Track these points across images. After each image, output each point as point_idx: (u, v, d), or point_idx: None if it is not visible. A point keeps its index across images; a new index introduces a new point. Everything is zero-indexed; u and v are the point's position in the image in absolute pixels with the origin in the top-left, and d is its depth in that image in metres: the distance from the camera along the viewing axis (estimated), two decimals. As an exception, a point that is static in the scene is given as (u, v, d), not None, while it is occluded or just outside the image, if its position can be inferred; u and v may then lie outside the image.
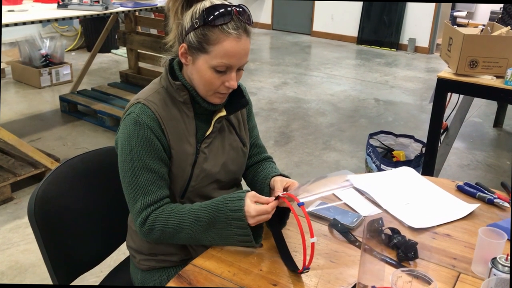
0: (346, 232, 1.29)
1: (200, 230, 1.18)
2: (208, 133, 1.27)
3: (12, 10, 3.13)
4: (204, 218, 1.17)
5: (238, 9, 1.16)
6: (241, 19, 1.16)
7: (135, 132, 1.19)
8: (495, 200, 1.46)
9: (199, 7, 1.16)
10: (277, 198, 1.17)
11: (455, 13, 7.94)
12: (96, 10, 3.25)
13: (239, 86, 1.33)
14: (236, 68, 1.20)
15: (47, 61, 5.02)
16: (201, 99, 1.25)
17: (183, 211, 1.20)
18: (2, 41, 5.63)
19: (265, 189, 1.33)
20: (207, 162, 1.28)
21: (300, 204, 1.12)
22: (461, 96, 3.04)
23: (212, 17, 1.14)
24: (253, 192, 1.19)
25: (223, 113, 1.29)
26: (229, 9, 1.15)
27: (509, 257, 1.05)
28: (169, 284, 1.11)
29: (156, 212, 1.20)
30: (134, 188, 1.20)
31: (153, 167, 1.20)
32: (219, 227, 1.16)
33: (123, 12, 3.56)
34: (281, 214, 1.26)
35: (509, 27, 2.58)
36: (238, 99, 1.32)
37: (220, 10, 1.14)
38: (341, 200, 1.47)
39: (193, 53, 1.19)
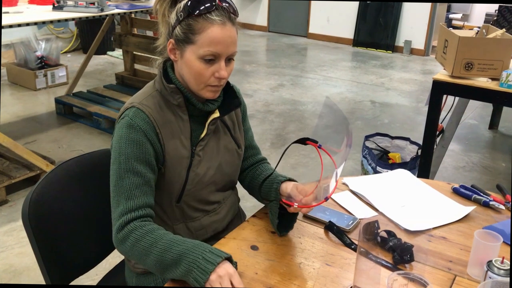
0: (341, 235, 1.28)
1: (165, 263, 1.09)
2: (202, 135, 1.27)
3: (7, 12, 3.12)
4: (174, 251, 1.09)
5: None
6: (225, 7, 1.17)
7: (127, 134, 1.18)
8: (491, 203, 1.46)
9: (183, 2, 1.17)
10: None
11: (451, 16, 7.97)
12: (91, 12, 3.24)
13: (232, 87, 1.33)
14: (224, 57, 1.18)
15: (43, 63, 5.00)
16: (196, 100, 1.25)
17: (159, 235, 1.13)
18: (-3, 43, 5.61)
19: (272, 194, 1.29)
20: (202, 165, 1.27)
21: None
22: (457, 98, 3.05)
23: (195, 7, 1.15)
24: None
25: (217, 114, 1.28)
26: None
27: (505, 260, 1.05)
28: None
29: (135, 223, 1.16)
30: (118, 191, 1.18)
31: (139, 171, 1.18)
32: (180, 269, 1.07)
33: (118, 14, 3.55)
34: (288, 218, 1.28)
35: (504, 29, 2.59)
36: (231, 100, 1.32)
37: (203, 1, 1.15)
38: (338, 203, 1.47)
39: (180, 46, 1.19)
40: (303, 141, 1.25)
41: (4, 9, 3.20)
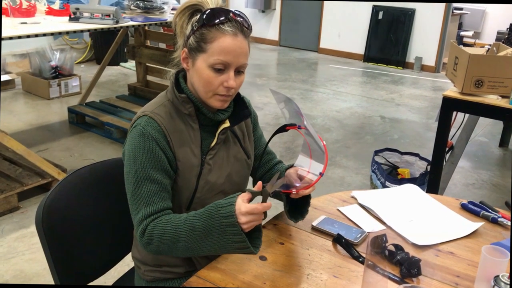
0: (349, 248, 1.29)
1: (197, 239, 1.15)
2: (212, 144, 1.29)
3: (25, 23, 3.19)
4: (199, 226, 1.14)
5: (236, 12, 1.21)
6: (238, 20, 1.20)
7: (140, 143, 1.21)
8: (499, 219, 1.46)
9: (199, 14, 1.21)
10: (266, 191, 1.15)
11: (462, 33, 7.98)
12: (107, 24, 3.30)
13: (242, 98, 1.35)
14: (234, 67, 1.21)
15: (57, 73, 5.09)
16: (206, 110, 1.28)
17: (179, 220, 1.18)
18: (13, 53, 5.71)
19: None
20: (212, 174, 1.29)
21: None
22: (467, 115, 3.05)
23: (209, 18, 1.18)
24: (245, 193, 1.14)
25: (227, 124, 1.31)
26: (226, 11, 1.20)
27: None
28: (173, 295, 1.11)
29: (154, 222, 1.19)
30: (137, 198, 1.21)
31: (156, 178, 1.21)
32: (215, 236, 1.13)
33: (133, 26, 3.61)
34: (300, 205, 1.31)
35: (514, 47, 2.60)
36: (241, 111, 1.34)
37: (218, 12, 1.19)
38: (345, 215, 1.48)
39: (192, 55, 1.22)
40: (283, 128, 1.29)
41: (21, 19, 3.28)
